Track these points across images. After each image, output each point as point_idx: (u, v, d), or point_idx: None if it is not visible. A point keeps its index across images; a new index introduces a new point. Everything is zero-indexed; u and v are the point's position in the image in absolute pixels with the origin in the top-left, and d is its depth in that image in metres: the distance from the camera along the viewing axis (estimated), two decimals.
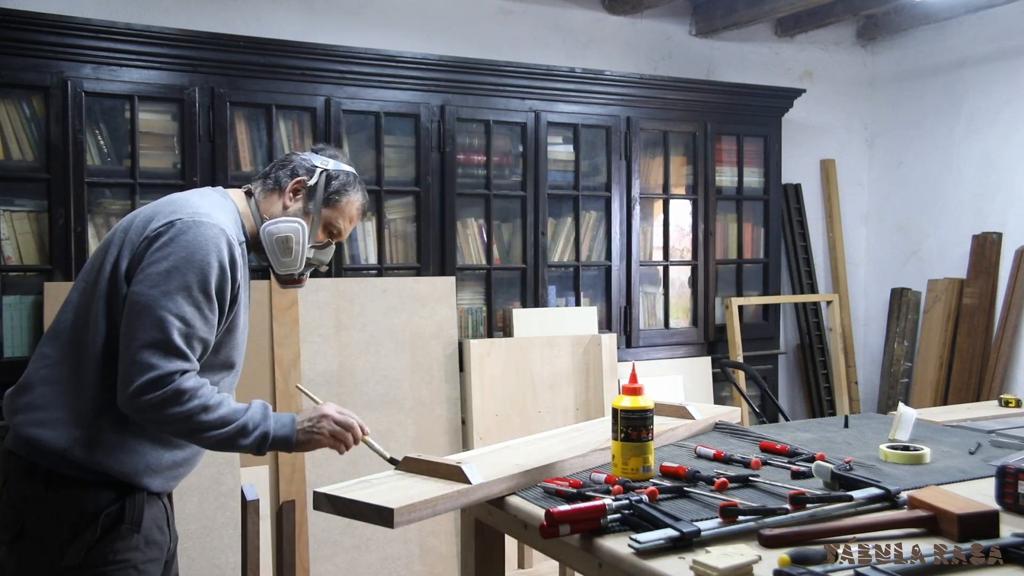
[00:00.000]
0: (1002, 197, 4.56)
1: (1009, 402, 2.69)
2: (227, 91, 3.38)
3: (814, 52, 5.12)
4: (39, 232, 3.15)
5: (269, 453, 3.33)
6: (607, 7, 4.49)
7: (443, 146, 3.75)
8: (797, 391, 5.10)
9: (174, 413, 1.66)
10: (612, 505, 1.55)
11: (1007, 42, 4.54)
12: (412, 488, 1.66)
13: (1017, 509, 1.62)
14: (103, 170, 3.26)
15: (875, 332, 5.23)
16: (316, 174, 1.95)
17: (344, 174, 1.99)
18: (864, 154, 5.31)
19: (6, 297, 3.11)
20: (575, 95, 4.03)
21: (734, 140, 4.54)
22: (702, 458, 1.99)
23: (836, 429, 2.39)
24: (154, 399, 1.64)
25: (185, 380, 1.67)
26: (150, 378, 1.64)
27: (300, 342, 3.41)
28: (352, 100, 3.59)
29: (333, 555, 3.42)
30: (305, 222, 1.93)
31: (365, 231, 3.68)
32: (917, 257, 5.01)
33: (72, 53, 3.14)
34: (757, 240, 4.67)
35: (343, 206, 1.99)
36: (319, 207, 1.95)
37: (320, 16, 3.88)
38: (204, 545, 3.12)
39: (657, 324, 4.38)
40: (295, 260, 1.93)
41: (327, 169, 1.97)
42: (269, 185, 1.96)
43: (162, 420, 1.68)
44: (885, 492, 1.64)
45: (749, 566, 1.33)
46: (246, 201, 1.96)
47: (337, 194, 1.97)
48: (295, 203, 1.94)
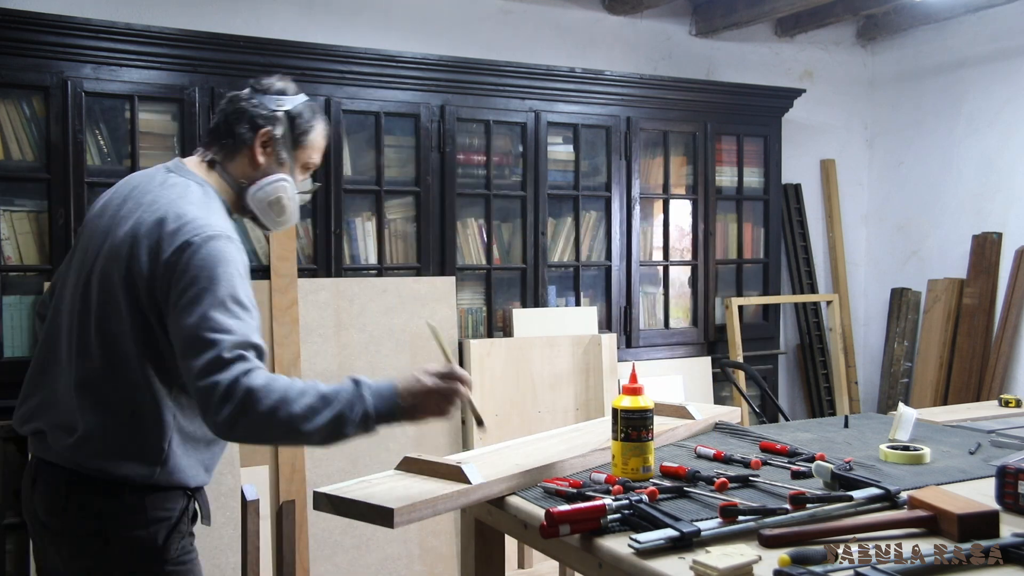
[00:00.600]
0: (1002, 197, 4.56)
1: (1009, 402, 2.69)
2: (227, 91, 3.36)
3: (814, 52, 5.12)
4: (39, 232, 3.15)
5: (269, 453, 3.35)
6: (607, 7, 4.49)
7: (443, 146, 3.75)
8: (797, 391, 5.10)
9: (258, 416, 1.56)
10: (612, 505, 1.55)
11: (1007, 42, 4.54)
12: (412, 488, 1.66)
13: (1017, 509, 1.62)
14: (103, 170, 3.26)
15: (875, 332, 5.23)
16: (280, 120, 1.86)
17: (301, 106, 1.90)
18: (864, 154, 5.31)
19: (6, 297, 3.11)
20: (575, 95, 4.03)
21: (734, 140, 4.54)
22: (702, 458, 1.99)
23: (836, 429, 2.39)
24: (234, 412, 1.56)
25: (252, 379, 1.57)
26: (219, 395, 1.56)
27: (300, 342, 3.41)
28: (352, 100, 3.59)
29: (333, 555, 3.42)
30: (284, 172, 1.87)
31: (365, 231, 3.68)
32: (917, 257, 5.01)
33: (72, 53, 3.14)
34: (757, 240, 4.67)
35: (311, 140, 1.92)
36: (291, 151, 1.88)
37: (320, 16, 3.88)
38: (204, 545, 3.11)
39: (657, 324, 4.38)
40: (290, 215, 1.90)
41: (287, 110, 1.88)
42: (230, 144, 1.85)
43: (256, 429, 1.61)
44: (885, 492, 1.64)
45: (749, 566, 1.33)
46: (215, 174, 1.86)
47: (304, 133, 1.90)
48: (267, 156, 1.86)
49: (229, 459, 3.19)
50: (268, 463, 3.35)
